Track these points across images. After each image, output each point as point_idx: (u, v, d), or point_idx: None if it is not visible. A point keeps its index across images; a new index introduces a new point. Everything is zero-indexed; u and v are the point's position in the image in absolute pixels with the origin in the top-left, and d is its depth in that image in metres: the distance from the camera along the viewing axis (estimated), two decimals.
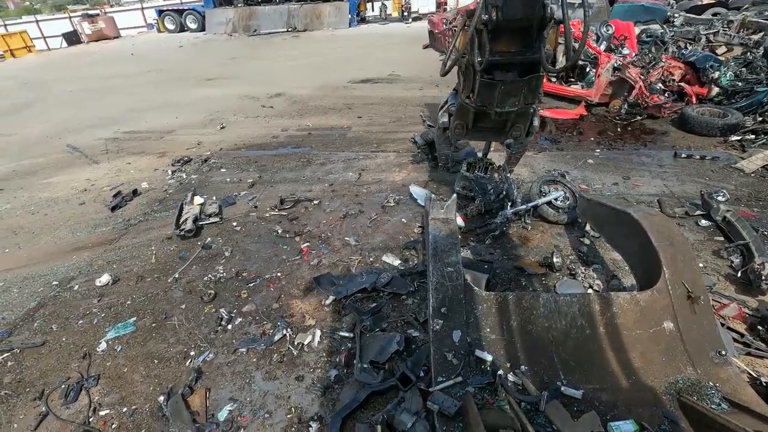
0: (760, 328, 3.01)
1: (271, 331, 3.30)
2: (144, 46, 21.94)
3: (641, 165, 5.55)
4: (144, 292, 3.87)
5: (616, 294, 2.63)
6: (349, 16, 21.18)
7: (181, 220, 4.79)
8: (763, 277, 3.28)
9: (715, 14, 10.74)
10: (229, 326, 3.39)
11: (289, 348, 3.13)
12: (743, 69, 7.46)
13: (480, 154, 4.63)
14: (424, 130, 5.80)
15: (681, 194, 4.81)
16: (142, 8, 29.60)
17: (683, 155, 5.64)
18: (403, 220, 4.66)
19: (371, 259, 4.09)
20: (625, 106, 7.19)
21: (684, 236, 2.84)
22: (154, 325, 3.47)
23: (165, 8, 26.35)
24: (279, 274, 3.97)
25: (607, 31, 7.74)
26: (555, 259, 3.70)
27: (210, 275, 3.99)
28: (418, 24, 20.24)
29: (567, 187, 4.57)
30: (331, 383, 2.83)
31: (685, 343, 2.47)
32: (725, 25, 8.56)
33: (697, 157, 5.60)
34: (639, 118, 7.06)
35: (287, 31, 21.21)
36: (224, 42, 20.81)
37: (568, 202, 4.43)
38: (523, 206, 4.32)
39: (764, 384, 2.62)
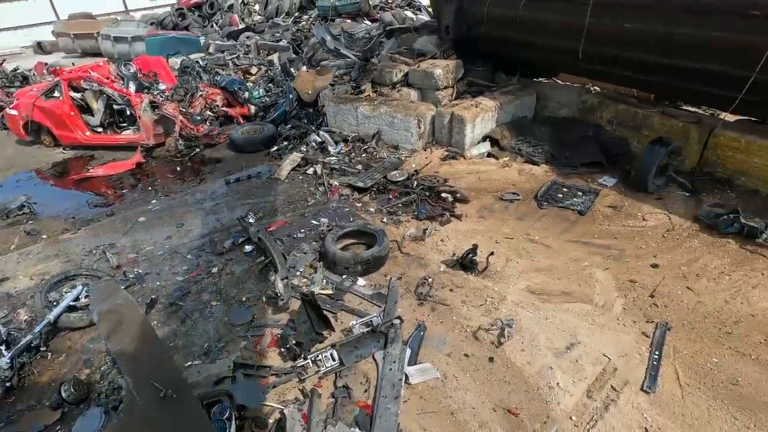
0: (282, 349, 3.11)
1: None
2: None
3: (196, 204, 5.35)
4: None
5: None
6: None
7: None
8: (278, 294, 3.46)
9: (248, 37, 12.18)
10: None
11: None
12: (270, 85, 8.61)
13: None
14: None
15: (231, 224, 4.82)
16: None
17: (232, 180, 5.81)
18: None
19: None
20: (181, 142, 6.95)
21: (146, 323, 2.46)
22: None
23: None
24: None
25: (128, 70, 7.19)
26: (64, 393, 2.78)
27: None
28: None
29: (85, 276, 3.70)
30: None
31: None
32: (245, 49, 9.70)
33: (245, 177, 5.89)
34: (198, 150, 6.98)
35: None
36: None
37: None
38: (29, 336, 3.13)
39: (283, 415, 2.64)
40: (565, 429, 2.54)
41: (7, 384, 2.88)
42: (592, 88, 7.01)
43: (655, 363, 2.90)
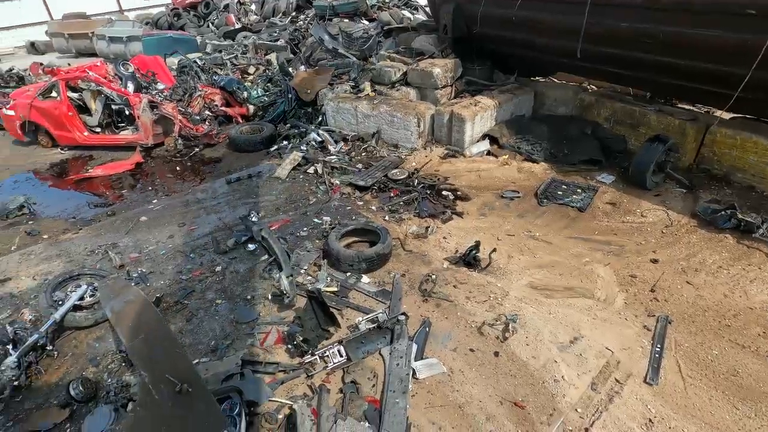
0: (289, 346, 3.13)
1: None
2: None
3: (197, 203, 5.34)
4: None
5: None
6: None
7: None
8: (284, 291, 3.48)
9: (245, 37, 12.15)
10: None
11: None
12: (269, 84, 8.60)
13: None
14: None
15: (233, 223, 4.83)
16: None
17: (233, 179, 5.81)
18: None
19: None
20: (180, 142, 6.94)
21: (160, 318, 2.47)
22: None
23: None
24: None
25: (127, 69, 7.16)
26: (72, 391, 2.79)
27: None
28: None
29: (90, 275, 3.70)
30: None
31: None
32: (243, 49, 9.68)
33: (245, 177, 5.89)
34: (197, 149, 6.96)
35: None
36: None
37: (98, 293, 3.56)
38: (35, 336, 3.13)
39: (293, 410, 2.66)
40: (571, 421, 2.58)
41: (15, 383, 2.87)
42: (588, 87, 7.09)
43: (657, 356, 2.96)
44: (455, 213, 4.79)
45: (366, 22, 10.07)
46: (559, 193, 5.04)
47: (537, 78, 7.61)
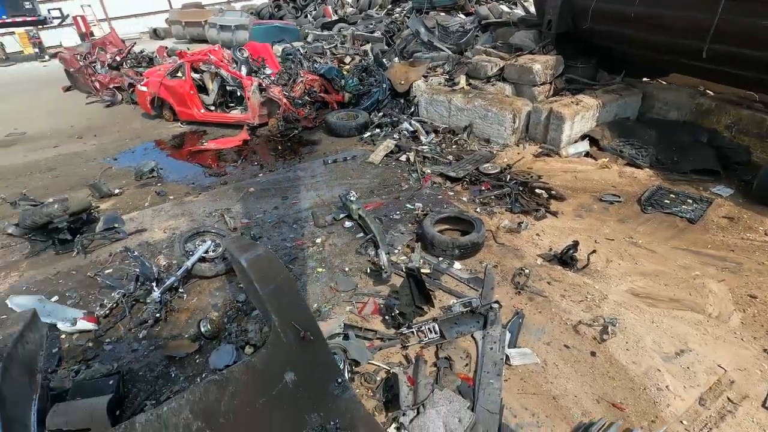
0: (386, 317, 3.33)
1: None
2: None
3: (297, 180, 5.77)
4: None
5: (230, 370, 2.31)
6: None
7: None
8: (382, 267, 3.68)
9: (342, 28, 12.69)
10: None
11: None
12: (364, 74, 8.93)
13: None
14: (23, 212, 4.35)
15: (330, 200, 5.17)
16: None
17: (330, 161, 6.17)
18: None
19: None
20: (282, 123, 7.49)
21: (287, 272, 2.77)
22: None
23: None
24: None
25: (242, 54, 7.84)
26: (202, 328, 3.22)
27: None
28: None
29: (212, 233, 4.19)
30: None
31: (308, 388, 2.36)
32: (342, 39, 10.12)
33: (341, 159, 6.23)
34: (296, 131, 7.46)
35: None
36: None
37: (220, 249, 4.03)
38: (173, 278, 3.65)
39: (392, 374, 2.85)
40: None
41: (157, 315, 3.39)
42: (705, 90, 6.50)
43: None
44: (549, 212, 4.70)
45: (463, 16, 10.04)
46: (666, 201, 4.73)
47: (645, 79, 7.13)
